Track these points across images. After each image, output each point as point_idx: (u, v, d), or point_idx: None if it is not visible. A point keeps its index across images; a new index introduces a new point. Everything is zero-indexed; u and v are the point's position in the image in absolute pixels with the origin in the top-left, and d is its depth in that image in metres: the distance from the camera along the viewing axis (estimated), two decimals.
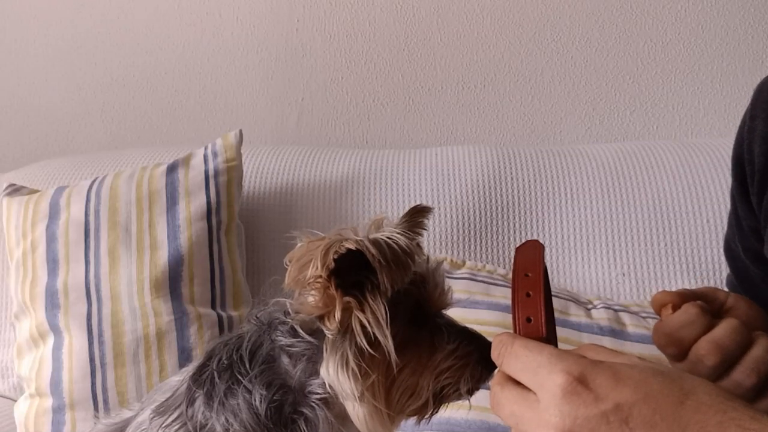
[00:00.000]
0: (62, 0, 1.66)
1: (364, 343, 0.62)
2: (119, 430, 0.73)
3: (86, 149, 1.68)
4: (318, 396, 0.66)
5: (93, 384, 1.11)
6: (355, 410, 0.64)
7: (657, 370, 0.50)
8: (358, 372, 0.63)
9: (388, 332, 0.62)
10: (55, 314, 1.15)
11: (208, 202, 1.21)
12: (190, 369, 0.71)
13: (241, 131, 1.30)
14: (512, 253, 0.63)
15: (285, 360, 0.67)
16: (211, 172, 1.23)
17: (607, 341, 1.11)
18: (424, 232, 0.72)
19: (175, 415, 0.67)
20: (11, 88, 1.72)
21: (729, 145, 0.83)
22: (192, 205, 1.20)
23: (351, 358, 0.63)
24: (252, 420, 0.64)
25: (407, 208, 0.72)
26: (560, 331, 1.11)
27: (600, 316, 1.15)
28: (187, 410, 0.66)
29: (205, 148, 1.28)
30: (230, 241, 1.23)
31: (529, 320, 0.56)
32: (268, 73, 1.63)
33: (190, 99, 1.66)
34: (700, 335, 0.62)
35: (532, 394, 0.51)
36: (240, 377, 0.66)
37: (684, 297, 0.68)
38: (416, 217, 0.71)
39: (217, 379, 0.66)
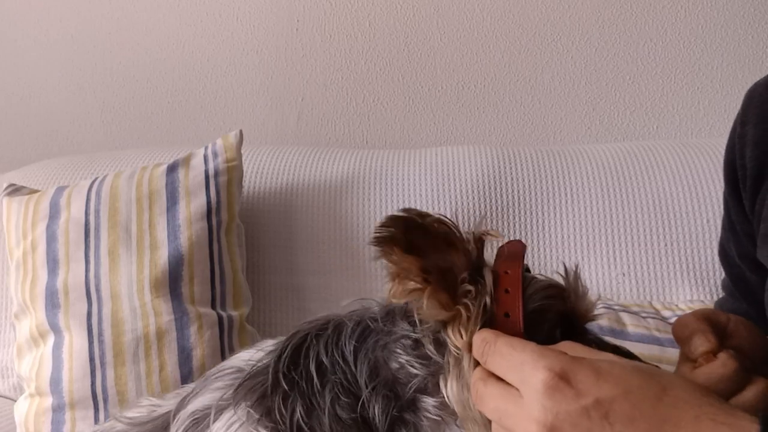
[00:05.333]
0: (62, 0, 1.66)
1: None
2: (160, 428, 0.68)
3: (86, 149, 1.68)
4: (430, 415, 0.61)
5: (93, 383, 1.11)
6: None
7: (636, 366, 0.52)
8: None
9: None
10: (55, 314, 1.15)
11: (208, 202, 1.21)
12: (261, 356, 0.65)
13: (241, 131, 1.30)
14: None
15: (394, 365, 0.62)
16: (211, 172, 1.23)
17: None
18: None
19: (263, 409, 0.61)
20: (11, 88, 1.72)
21: None
22: (192, 205, 1.20)
23: None
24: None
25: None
26: None
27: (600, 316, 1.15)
28: (281, 406, 0.61)
29: (205, 148, 1.28)
30: (230, 241, 1.23)
31: (507, 316, 0.57)
32: (268, 73, 1.63)
33: (190, 99, 1.66)
34: (734, 393, 0.62)
35: (514, 389, 0.52)
36: (350, 386, 0.61)
37: (712, 330, 0.66)
38: None
39: (317, 384, 0.61)
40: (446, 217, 0.58)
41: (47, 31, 1.68)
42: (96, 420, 1.11)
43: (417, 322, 0.61)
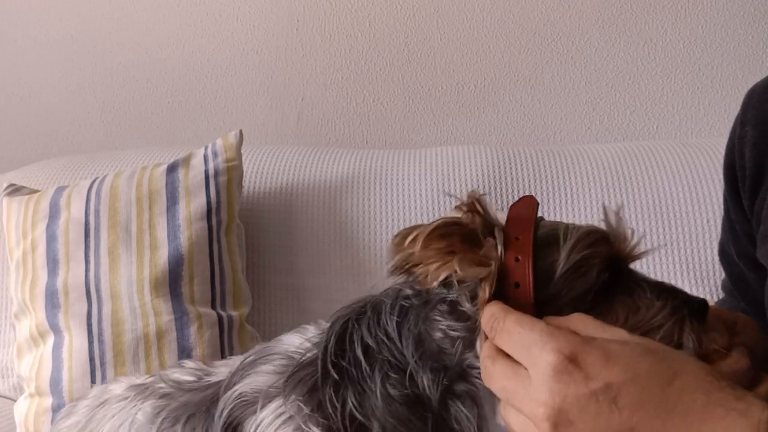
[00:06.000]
0: (62, 0, 1.66)
1: None
2: (209, 401, 0.66)
3: (86, 149, 1.68)
4: (478, 369, 0.59)
5: (93, 383, 1.11)
6: None
7: (647, 347, 0.51)
8: None
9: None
10: (55, 314, 1.15)
11: (208, 202, 1.21)
12: (309, 346, 0.64)
13: (241, 131, 1.30)
14: None
15: (437, 335, 0.60)
16: (211, 172, 1.23)
17: None
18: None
19: (314, 402, 0.60)
20: (11, 88, 1.72)
21: None
22: (192, 205, 1.20)
23: None
24: (410, 413, 0.59)
25: (407, 208, 0.70)
26: None
27: None
28: (333, 398, 0.60)
29: (205, 148, 1.28)
30: (230, 241, 1.23)
31: (517, 285, 0.56)
32: (268, 73, 1.63)
33: (190, 99, 1.66)
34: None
35: (523, 369, 0.51)
36: (398, 363, 0.60)
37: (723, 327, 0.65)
38: None
39: (366, 368, 0.60)
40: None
41: (47, 31, 1.68)
42: None
43: (455, 283, 0.58)
